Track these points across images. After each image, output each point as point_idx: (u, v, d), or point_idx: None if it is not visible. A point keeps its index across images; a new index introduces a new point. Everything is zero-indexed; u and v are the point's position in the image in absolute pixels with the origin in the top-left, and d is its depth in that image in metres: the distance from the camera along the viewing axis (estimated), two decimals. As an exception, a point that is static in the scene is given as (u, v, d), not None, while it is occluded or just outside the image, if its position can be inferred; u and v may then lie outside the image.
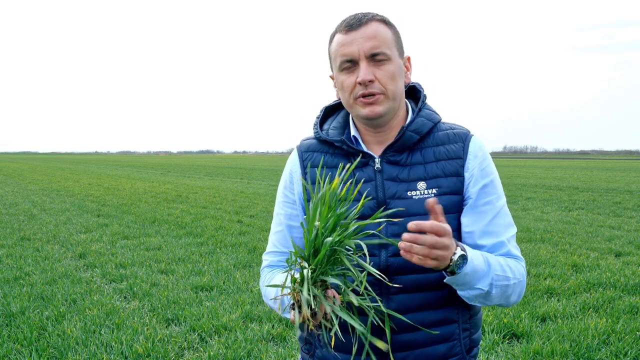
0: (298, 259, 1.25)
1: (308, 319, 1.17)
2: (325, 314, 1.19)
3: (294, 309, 1.20)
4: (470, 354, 1.54)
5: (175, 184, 22.19)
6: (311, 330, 1.19)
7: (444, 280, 1.37)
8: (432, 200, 1.27)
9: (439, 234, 1.23)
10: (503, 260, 1.45)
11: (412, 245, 1.23)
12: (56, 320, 4.66)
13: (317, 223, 1.21)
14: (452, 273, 1.32)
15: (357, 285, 1.23)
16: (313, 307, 1.16)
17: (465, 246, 1.35)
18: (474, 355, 1.56)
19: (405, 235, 1.23)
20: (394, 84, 1.44)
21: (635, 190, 18.41)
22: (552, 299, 5.26)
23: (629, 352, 3.91)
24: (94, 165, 49.11)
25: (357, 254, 1.24)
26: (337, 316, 1.18)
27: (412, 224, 1.22)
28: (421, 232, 1.23)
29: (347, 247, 1.22)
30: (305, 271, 1.19)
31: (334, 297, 1.20)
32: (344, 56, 1.44)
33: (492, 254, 1.46)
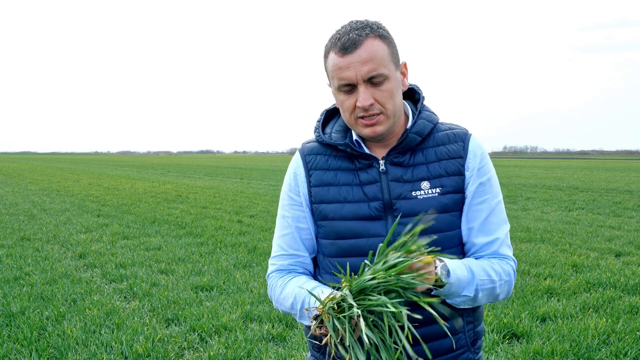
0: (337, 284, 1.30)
1: (326, 337, 1.23)
2: (342, 339, 1.23)
3: (315, 320, 1.26)
4: (474, 346, 1.58)
5: (175, 184, 22.19)
6: (327, 347, 1.27)
7: (432, 293, 1.42)
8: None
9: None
10: (487, 264, 1.50)
11: None
12: (56, 320, 4.66)
13: (379, 269, 1.25)
14: (440, 286, 1.39)
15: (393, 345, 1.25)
16: (336, 335, 1.22)
17: (443, 258, 1.42)
18: (478, 347, 1.60)
19: None
20: (392, 102, 1.46)
21: (635, 190, 18.41)
22: (552, 299, 5.26)
23: (629, 352, 3.91)
24: (94, 165, 49.12)
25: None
26: (352, 347, 1.23)
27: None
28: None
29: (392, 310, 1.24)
30: (348, 304, 1.22)
31: (354, 327, 1.24)
32: (341, 80, 1.44)
33: (475, 259, 1.52)
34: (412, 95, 1.63)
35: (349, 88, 1.44)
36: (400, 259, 1.27)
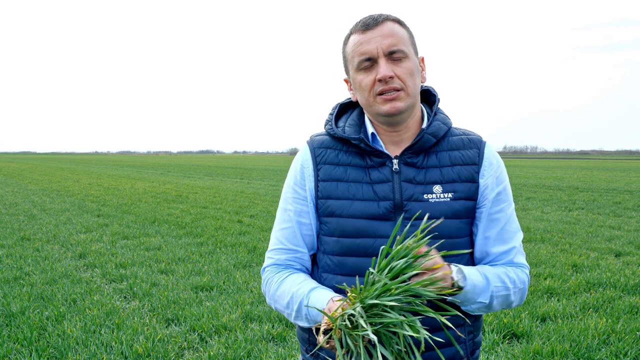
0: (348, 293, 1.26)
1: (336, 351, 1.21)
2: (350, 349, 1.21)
3: (325, 335, 1.22)
4: (473, 356, 1.56)
5: (175, 184, 22.18)
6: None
7: (448, 300, 1.38)
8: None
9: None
10: (502, 271, 1.49)
11: None
12: (56, 320, 4.66)
13: (384, 279, 1.22)
14: (457, 290, 1.36)
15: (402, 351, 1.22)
16: (347, 350, 1.19)
17: (458, 265, 1.40)
18: (476, 357, 1.58)
19: None
20: (412, 81, 1.45)
21: (635, 190, 18.41)
22: (552, 299, 5.26)
23: (629, 352, 3.91)
24: (94, 165, 49.11)
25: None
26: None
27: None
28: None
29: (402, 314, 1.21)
30: (360, 319, 1.18)
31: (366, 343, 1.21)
32: (362, 55, 1.43)
33: (490, 266, 1.50)
34: (428, 97, 1.62)
35: (369, 64, 1.44)
36: (407, 264, 1.23)
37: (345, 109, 1.63)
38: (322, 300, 1.37)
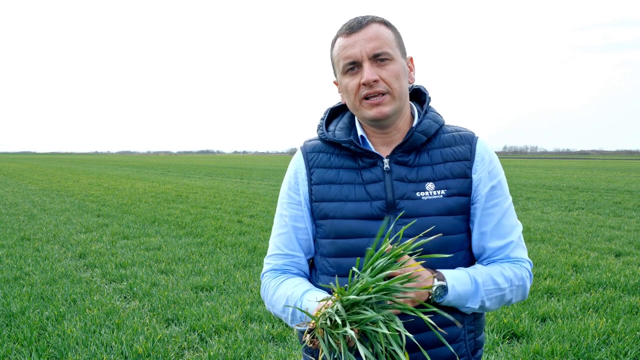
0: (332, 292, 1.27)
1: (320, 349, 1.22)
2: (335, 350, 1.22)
3: (309, 334, 1.23)
4: (475, 356, 1.55)
5: (175, 184, 22.19)
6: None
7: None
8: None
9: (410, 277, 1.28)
10: (498, 270, 1.48)
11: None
12: (56, 320, 4.66)
13: (367, 276, 1.23)
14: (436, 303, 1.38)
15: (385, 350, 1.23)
16: (331, 350, 1.20)
17: (446, 274, 1.39)
18: (478, 357, 1.56)
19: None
20: (398, 83, 1.44)
21: (635, 190, 18.41)
22: (552, 299, 5.26)
23: (629, 352, 3.91)
24: (94, 165, 49.11)
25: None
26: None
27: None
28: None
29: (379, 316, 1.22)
30: (340, 320, 1.19)
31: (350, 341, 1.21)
32: (347, 59, 1.44)
33: (485, 266, 1.50)
34: (419, 97, 1.62)
35: (354, 67, 1.44)
36: (388, 263, 1.25)
37: (337, 112, 1.64)
38: (313, 302, 1.38)
